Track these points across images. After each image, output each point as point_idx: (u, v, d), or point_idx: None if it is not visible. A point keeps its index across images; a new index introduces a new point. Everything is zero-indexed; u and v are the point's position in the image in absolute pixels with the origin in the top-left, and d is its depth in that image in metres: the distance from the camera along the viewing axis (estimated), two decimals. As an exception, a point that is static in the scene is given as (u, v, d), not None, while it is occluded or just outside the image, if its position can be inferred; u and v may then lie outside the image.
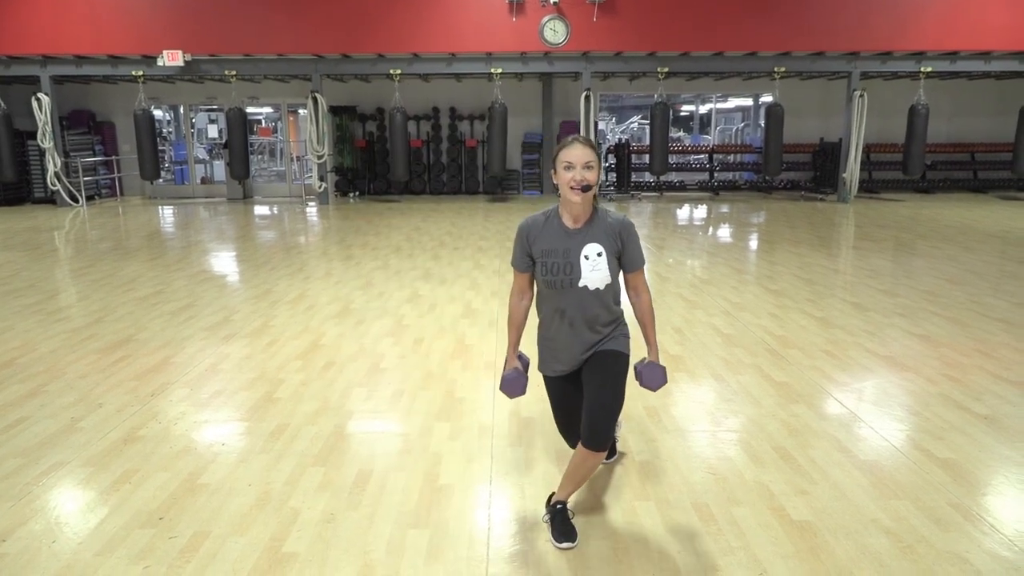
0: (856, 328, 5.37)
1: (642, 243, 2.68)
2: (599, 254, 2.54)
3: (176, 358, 4.76)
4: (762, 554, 2.56)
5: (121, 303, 6.25)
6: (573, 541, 2.60)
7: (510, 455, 3.34)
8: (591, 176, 2.47)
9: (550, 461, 3.26)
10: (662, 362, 2.76)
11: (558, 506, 2.68)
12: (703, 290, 6.65)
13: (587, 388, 2.60)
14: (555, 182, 2.55)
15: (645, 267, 2.71)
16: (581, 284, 2.55)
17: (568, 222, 2.58)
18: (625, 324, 2.72)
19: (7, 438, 3.53)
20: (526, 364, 2.82)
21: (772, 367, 4.53)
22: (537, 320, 2.76)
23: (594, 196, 2.56)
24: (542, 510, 2.80)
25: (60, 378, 4.39)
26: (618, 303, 2.67)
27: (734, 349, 4.89)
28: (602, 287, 2.56)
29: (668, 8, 12.87)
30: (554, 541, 2.62)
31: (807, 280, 7.03)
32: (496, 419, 3.73)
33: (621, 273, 2.66)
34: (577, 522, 2.70)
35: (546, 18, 12.80)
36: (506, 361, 2.81)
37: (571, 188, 2.47)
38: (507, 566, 2.51)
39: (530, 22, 12.85)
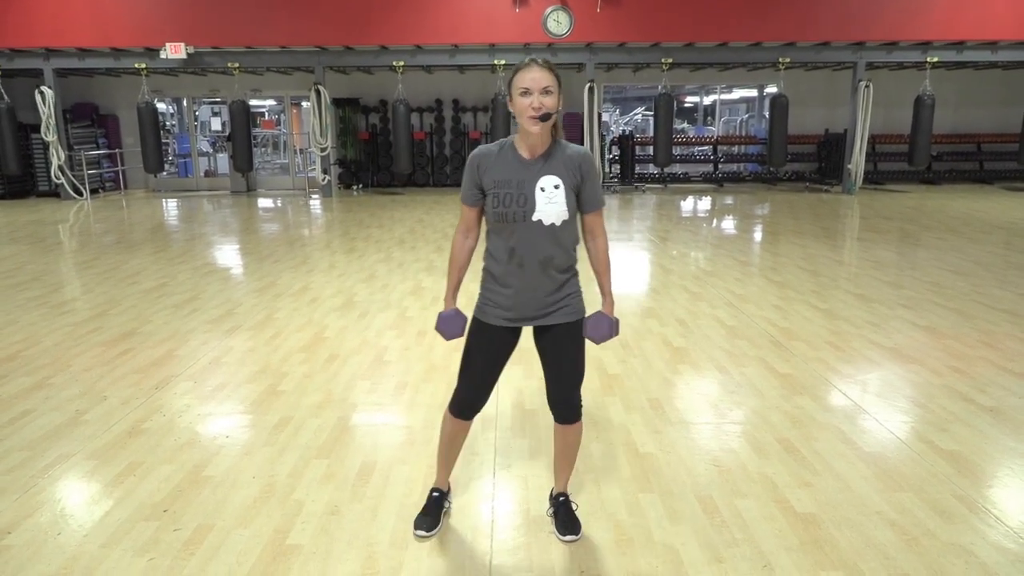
0: (860, 320, 5.35)
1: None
2: (556, 187, 2.32)
3: (180, 351, 4.77)
4: (766, 546, 2.56)
5: (125, 296, 6.26)
6: (577, 533, 2.60)
7: (513, 447, 3.34)
8: (550, 102, 2.24)
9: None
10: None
11: (561, 498, 2.68)
12: (707, 282, 6.63)
13: (549, 364, 2.49)
14: (511, 110, 2.33)
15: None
16: (535, 218, 2.31)
17: (524, 152, 2.35)
18: (576, 278, 2.47)
19: (12, 431, 3.55)
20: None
21: (776, 359, 4.52)
22: (482, 265, 2.50)
23: (554, 125, 2.34)
24: (545, 502, 2.80)
25: (65, 371, 4.40)
26: (575, 248, 2.44)
27: (738, 341, 4.88)
28: (558, 223, 2.33)
29: (672, -2, 12.81)
30: (558, 534, 2.61)
31: (811, 272, 7.01)
32: (499, 411, 3.73)
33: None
34: (580, 514, 2.70)
35: (549, 9, 12.74)
36: (445, 301, 2.61)
37: (530, 117, 2.24)
38: (510, 558, 2.51)
39: (533, 13, 12.79)
